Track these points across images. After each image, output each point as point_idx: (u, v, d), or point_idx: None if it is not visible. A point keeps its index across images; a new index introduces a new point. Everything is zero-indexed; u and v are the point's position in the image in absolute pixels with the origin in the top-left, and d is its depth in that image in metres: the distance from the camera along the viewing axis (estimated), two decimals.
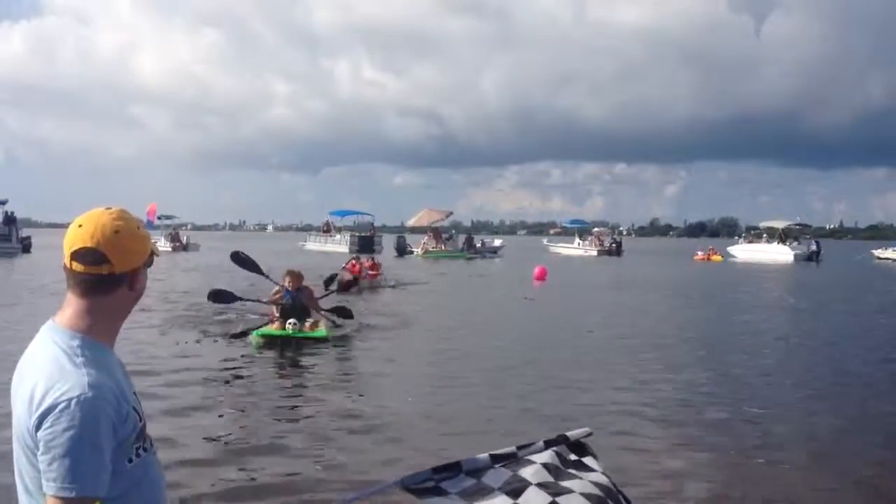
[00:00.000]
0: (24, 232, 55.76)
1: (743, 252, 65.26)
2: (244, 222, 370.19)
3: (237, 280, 21.29)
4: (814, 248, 62.11)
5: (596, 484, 2.67)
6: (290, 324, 13.01)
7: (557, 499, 2.56)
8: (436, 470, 2.70)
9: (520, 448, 2.81)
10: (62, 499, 2.01)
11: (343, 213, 69.44)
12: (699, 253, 65.83)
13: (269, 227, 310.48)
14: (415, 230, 68.88)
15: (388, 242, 62.75)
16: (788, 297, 28.18)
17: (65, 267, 2.22)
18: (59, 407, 2.02)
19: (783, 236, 63.70)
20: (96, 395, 2.05)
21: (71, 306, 2.22)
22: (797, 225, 67.63)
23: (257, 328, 13.61)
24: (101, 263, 2.18)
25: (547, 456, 2.79)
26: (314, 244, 69.10)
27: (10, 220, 51.95)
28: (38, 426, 2.04)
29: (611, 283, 33.01)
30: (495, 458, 2.75)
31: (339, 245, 62.48)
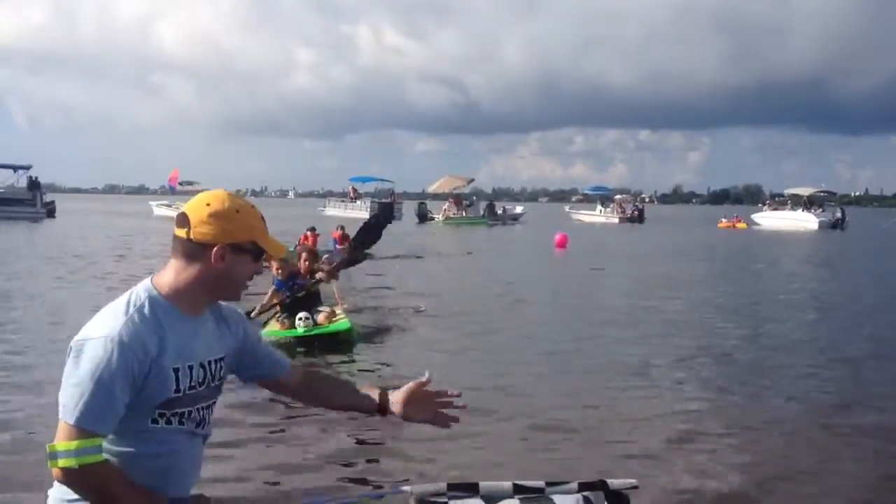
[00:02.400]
0: (48, 197, 56.27)
1: (767, 220, 64.61)
2: (266, 188, 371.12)
3: None
4: (839, 215, 61.42)
5: None
6: (300, 320, 9.98)
7: None
8: (451, 486, 2.56)
9: (549, 484, 2.61)
10: (68, 424, 2.13)
11: (364, 180, 69.56)
12: (723, 220, 65.30)
13: (291, 194, 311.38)
14: (436, 197, 68.73)
15: (409, 209, 62.74)
16: (816, 265, 27.82)
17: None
18: (87, 344, 2.16)
19: (808, 204, 63.01)
20: (122, 343, 2.15)
21: (167, 267, 2.36)
22: (822, 192, 66.85)
23: (261, 318, 10.47)
24: (184, 227, 2.31)
25: (572, 501, 2.57)
26: (334, 210, 69.24)
27: (35, 185, 52.46)
28: (68, 354, 2.18)
29: (639, 252, 32.75)
30: (518, 489, 2.56)
31: (360, 211, 62.53)
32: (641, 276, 21.46)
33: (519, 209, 69.56)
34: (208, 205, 2.33)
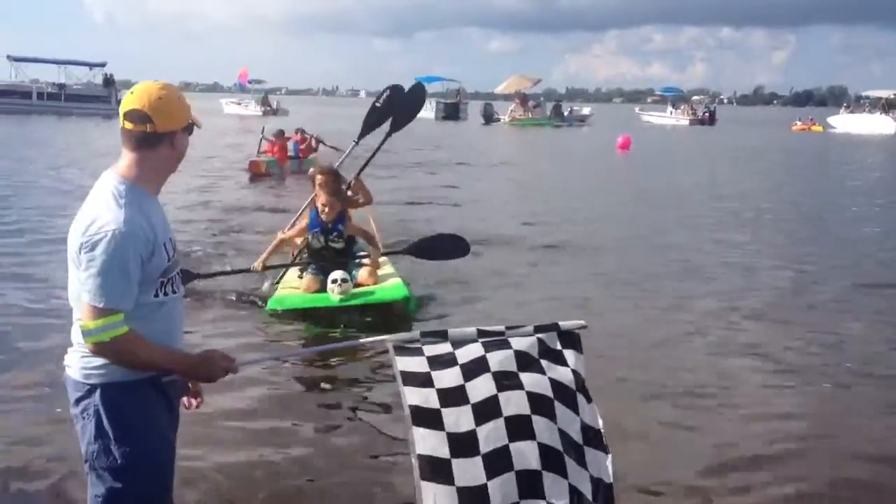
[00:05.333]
0: (123, 94, 57.61)
1: (843, 122, 62.46)
2: (337, 88, 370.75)
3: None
4: None
5: (554, 381, 2.82)
6: (333, 283, 6.88)
7: (501, 394, 2.73)
8: (424, 334, 2.92)
9: (509, 328, 2.93)
10: (93, 306, 2.64)
11: (430, 80, 68.96)
12: (798, 123, 63.45)
13: (362, 93, 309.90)
14: (506, 97, 68.08)
15: (475, 110, 62.47)
16: (873, 170, 27.31)
17: (121, 127, 2.80)
18: (99, 236, 2.61)
19: (886, 107, 60.48)
20: (129, 230, 2.63)
21: (123, 159, 2.79)
22: None
23: (274, 282, 7.74)
24: (145, 122, 2.73)
25: (528, 343, 2.89)
26: None
27: (109, 82, 53.75)
28: (80, 249, 2.63)
29: (698, 154, 32.52)
30: (481, 333, 2.90)
31: (426, 111, 62.45)
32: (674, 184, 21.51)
33: (586, 110, 68.59)
34: (160, 98, 2.76)
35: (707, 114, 67.00)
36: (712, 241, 11.63)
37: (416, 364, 2.81)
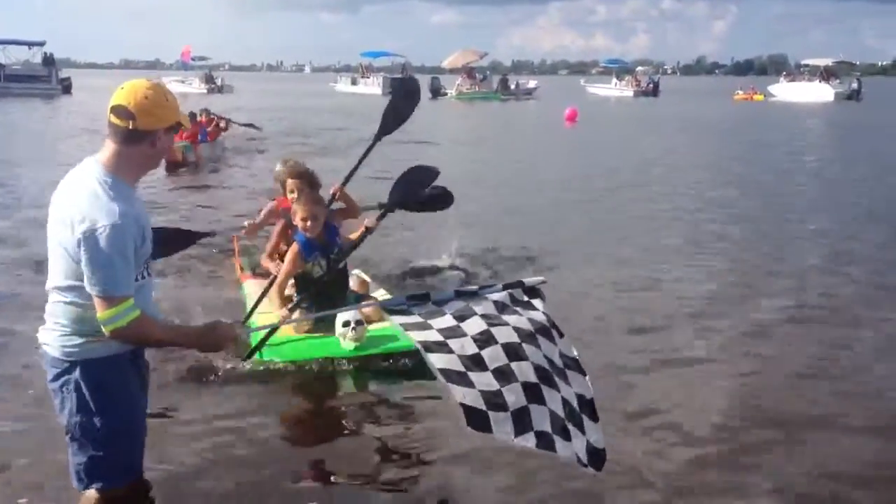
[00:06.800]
0: (64, 73, 56.25)
1: (784, 91, 63.82)
2: (281, 63, 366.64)
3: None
4: (854, 86, 60.33)
5: (531, 320, 3.34)
6: (346, 326, 5.16)
7: (492, 328, 3.23)
8: (409, 297, 3.41)
9: (481, 288, 3.49)
10: (105, 297, 2.84)
11: (376, 55, 68.91)
12: (739, 92, 64.58)
13: (307, 68, 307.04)
14: (453, 71, 68.16)
15: (422, 84, 62.25)
16: (809, 137, 28.06)
17: (108, 119, 2.94)
18: (98, 231, 2.78)
19: (825, 75, 61.94)
20: (124, 223, 2.85)
21: (108, 150, 2.99)
22: (839, 63, 65.38)
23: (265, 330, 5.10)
24: (128, 119, 2.92)
25: (501, 296, 3.43)
26: (345, 86, 69.01)
27: (49, 61, 52.51)
28: (80, 244, 2.79)
29: (641, 126, 33.03)
30: (459, 294, 3.43)
31: (372, 87, 62.38)
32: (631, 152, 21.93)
33: (532, 83, 68.91)
34: (146, 98, 2.92)
35: (651, 85, 67.87)
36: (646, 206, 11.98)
37: (411, 319, 3.29)
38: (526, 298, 3.48)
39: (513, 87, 62.70)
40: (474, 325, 3.24)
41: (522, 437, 3.01)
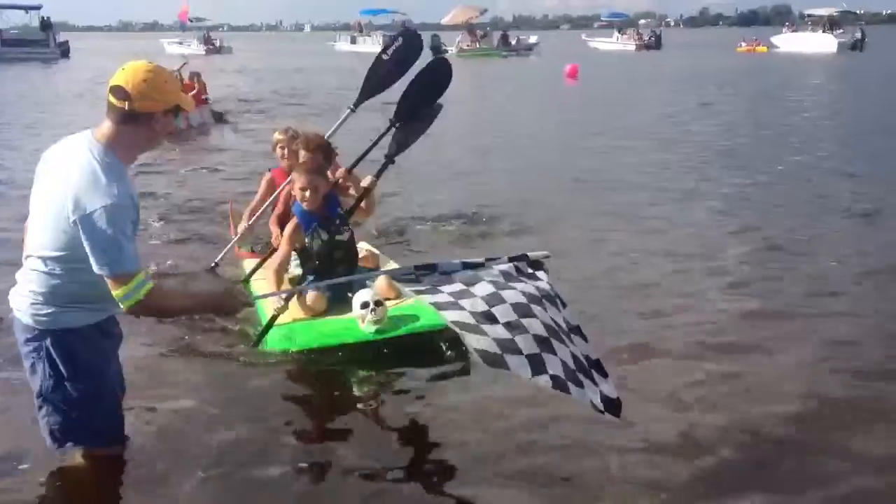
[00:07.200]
0: (62, 37, 55.84)
1: (786, 42, 63.15)
2: (281, 22, 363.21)
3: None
4: (858, 35, 59.60)
5: (537, 287, 3.49)
6: (365, 307, 4.74)
7: (500, 291, 3.37)
8: (417, 267, 3.54)
9: (488, 259, 3.61)
10: (117, 276, 2.89)
11: (375, 12, 68.12)
12: (742, 44, 63.97)
13: (307, 27, 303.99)
14: (454, 28, 67.41)
15: (423, 42, 61.72)
16: (810, 88, 27.91)
17: (107, 98, 2.97)
18: (98, 212, 2.81)
19: (828, 25, 61.24)
20: (121, 202, 2.89)
21: (106, 128, 3.01)
22: (843, 12, 64.59)
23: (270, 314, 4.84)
24: (125, 100, 2.94)
25: (506, 267, 3.56)
26: (345, 45, 68.40)
27: (47, 25, 52.09)
28: (78, 224, 2.82)
29: (643, 80, 32.86)
30: (466, 265, 3.56)
31: (372, 46, 61.77)
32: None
33: (533, 39, 68.17)
34: (145, 80, 2.93)
35: (653, 38, 67.23)
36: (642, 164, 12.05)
37: (420, 286, 3.44)
38: (530, 271, 3.61)
39: (513, 42, 62.13)
40: (483, 289, 3.38)
41: (538, 377, 3.15)
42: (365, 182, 5.21)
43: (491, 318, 3.25)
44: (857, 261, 7.05)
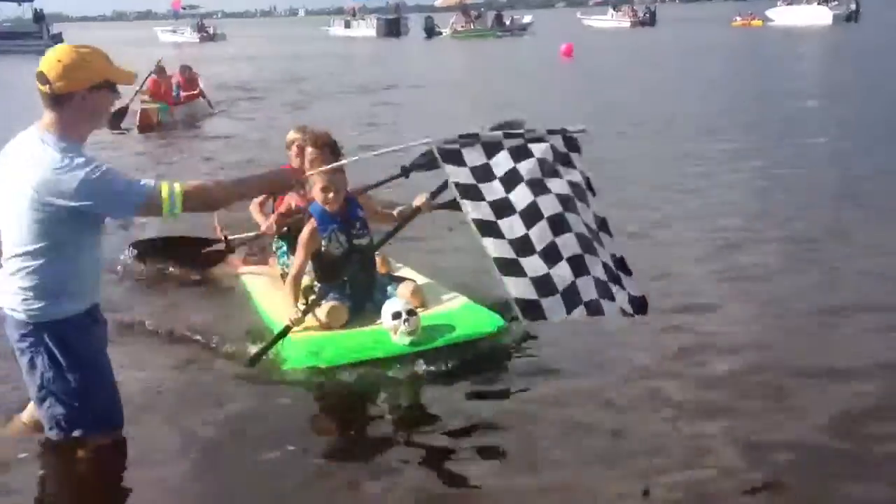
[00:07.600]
0: (55, 28, 55.64)
1: (781, 15, 62.66)
2: (275, 8, 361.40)
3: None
4: (853, 6, 59.12)
5: (570, 182, 3.65)
6: (397, 318, 4.28)
7: (536, 198, 3.52)
8: (461, 136, 3.68)
9: (528, 131, 3.80)
10: (147, 204, 3.00)
11: None
12: (737, 19, 63.63)
13: (301, 12, 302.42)
14: (450, 8, 67.23)
15: (417, 24, 61.70)
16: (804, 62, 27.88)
17: None
18: (89, 181, 2.90)
19: None
20: (98, 162, 2.99)
21: (46, 116, 3.04)
22: None
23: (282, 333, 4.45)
24: (45, 84, 2.98)
25: (543, 150, 3.68)
26: (339, 29, 68.21)
27: (40, 17, 51.91)
28: (73, 197, 2.88)
29: (638, 58, 32.86)
30: (507, 136, 3.73)
31: (366, 29, 61.80)
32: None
33: (527, 18, 67.91)
34: (59, 61, 2.98)
35: (648, 14, 67.01)
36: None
37: (464, 175, 3.56)
38: (565, 150, 3.77)
39: (508, 23, 61.92)
40: (521, 197, 3.52)
41: (574, 312, 3.40)
42: (418, 201, 4.69)
43: (527, 247, 3.42)
44: None
